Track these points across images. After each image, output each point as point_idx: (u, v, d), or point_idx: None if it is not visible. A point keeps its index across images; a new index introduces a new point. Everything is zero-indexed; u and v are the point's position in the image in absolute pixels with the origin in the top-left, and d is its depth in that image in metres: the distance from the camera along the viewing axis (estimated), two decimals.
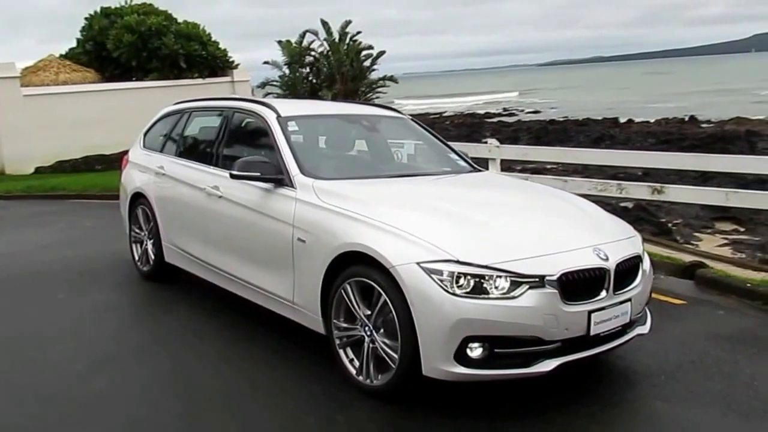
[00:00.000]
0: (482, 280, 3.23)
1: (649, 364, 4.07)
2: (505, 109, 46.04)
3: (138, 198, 5.90)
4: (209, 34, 17.65)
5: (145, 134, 6.31)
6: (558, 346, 3.34)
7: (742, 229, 9.99)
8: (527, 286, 3.25)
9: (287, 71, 21.56)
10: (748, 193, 6.35)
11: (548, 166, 14.13)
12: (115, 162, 16.60)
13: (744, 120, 28.18)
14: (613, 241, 3.72)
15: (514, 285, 3.25)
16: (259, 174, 4.27)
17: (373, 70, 22.42)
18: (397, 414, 3.45)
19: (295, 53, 21.32)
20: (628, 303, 3.61)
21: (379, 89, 22.42)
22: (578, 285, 3.36)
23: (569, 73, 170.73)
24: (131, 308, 5.43)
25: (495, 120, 35.68)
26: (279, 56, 21.22)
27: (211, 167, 4.97)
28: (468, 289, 3.23)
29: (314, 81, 21.72)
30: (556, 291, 3.28)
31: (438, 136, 5.39)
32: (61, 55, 17.76)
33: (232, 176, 4.35)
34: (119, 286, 5.85)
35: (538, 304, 3.24)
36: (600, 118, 30.65)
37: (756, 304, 5.37)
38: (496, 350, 3.25)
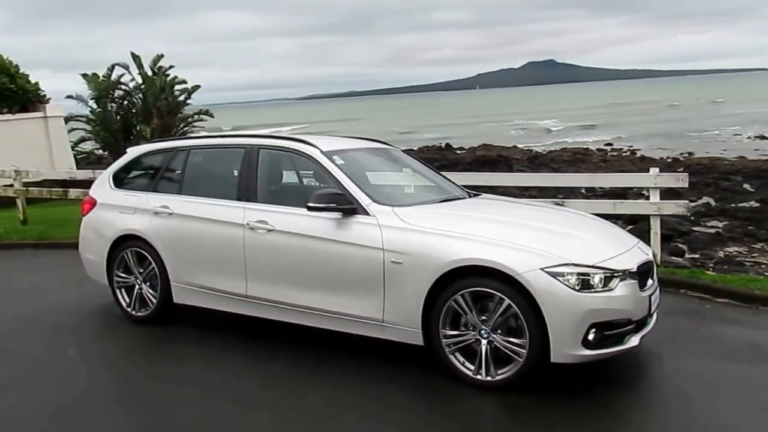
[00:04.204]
0: (588, 278, 4.02)
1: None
2: None
3: (127, 240, 5.62)
4: (17, 65, 15.93)
5: (115, 175, 6.01)
6: (633, 326, 4.25)
7: None
8: (618, 279, 4.11)
9: (95, 106, 20.18)
10: (630, 202, 8.04)
11: None
12: None
13: (490, 146, 32.89)
14: (638, 241, 4.78)
15: (608, 279, 4.09)
16: (335, 205, 4.58)
17: (188, 104, 21.97)
18: (526, 406, 4.03)
19: (102, 87, 20.07)
20: (658, 288, 4.68)
21: (196, 123, 22.01)
22: (642, 275, 4.32)
23: (330, 106, 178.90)
24: (167, 357, 5.20)
25: None
26: (73, 89, 20.01)
27: (250, 203, 5.05)
28: (580, 286, 3.99)
29: (128, 116, 20.61)
30: (636, 281, 4.20)
31: (429, 165, 6.07)
32: None
33: (310, 208, 4.60)
34: (126, 335, 5.52)
35: (628, 292, 4.13)
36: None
37: (668, 289, 6.80)
38: (605, 333, 4.06)
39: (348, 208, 4.62)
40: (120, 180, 6.00)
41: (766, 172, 18.97)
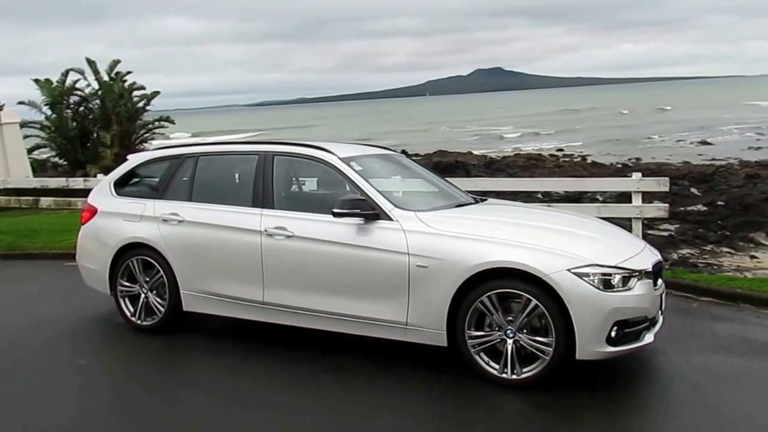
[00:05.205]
0: (610, 278, 4.20)
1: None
2: None
3: (132, 248, 5.53)
4: None
5: (117, 183, 5.91)
6: (648, 324, 4.45)
7: None
8: (636, 279, 4.30)
9: (50, 112, 19.61)
10: (613, 206, 8.37)
11: None
12: None
13: (446, 152, 33.29)
14: (646, 243, 4.99)
15: (627, 279, 4.27)
16: (358, 210, 4.64)
17: (147, 110, 21.57)
18: (554, 403, 4.18)
19: (57, 93, 19.52)
20: (664, 287, 4.91)
21: (157, 129, 21.62)
22: (655, 275, 4.53)
23: (282, 112, 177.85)
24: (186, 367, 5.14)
25: None
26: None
27: (267, 210, 5.05)
28: (603, 286, 4.17)
29: (84, 122, 20.09)
30: (651, 280, 4.40)
31: (434, 171, 6.18)
32: None
33: (335, 215, 4.64)
34: (131, 344, 5.43)
35: (645, 291, 4.33)
36: None
37: None
38: (625, 330, 4.24)
39: (371, 213, 4.68)
40: (122, 187, 5.89)
41: (711, 177, 19.78)
